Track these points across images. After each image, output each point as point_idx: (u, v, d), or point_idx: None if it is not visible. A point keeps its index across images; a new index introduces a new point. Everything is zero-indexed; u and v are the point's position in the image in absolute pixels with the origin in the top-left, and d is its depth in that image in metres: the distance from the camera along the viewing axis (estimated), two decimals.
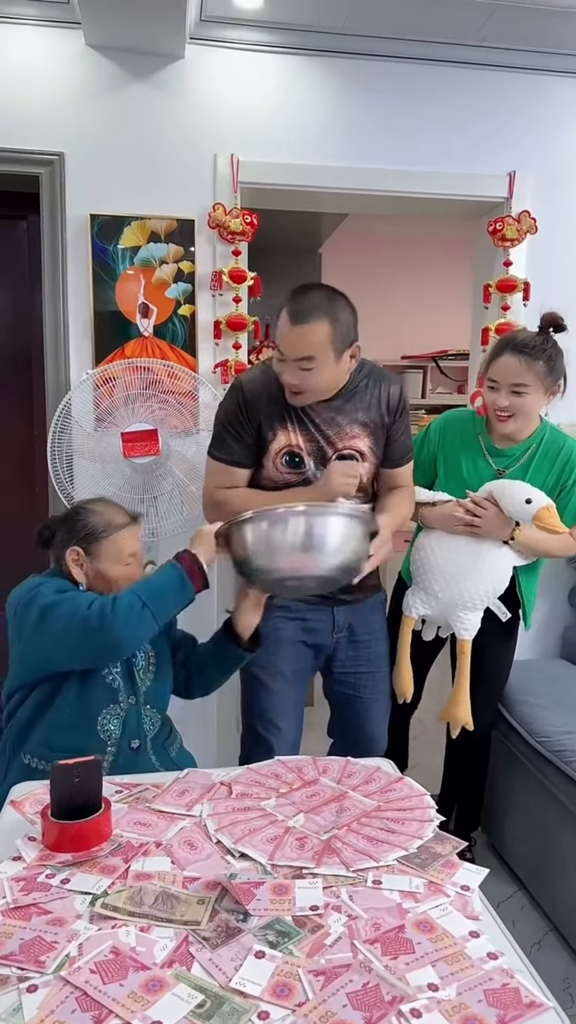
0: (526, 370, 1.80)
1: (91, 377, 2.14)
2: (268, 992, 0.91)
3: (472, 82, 2.37)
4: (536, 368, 1.80)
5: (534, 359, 1.80)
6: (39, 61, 2.14)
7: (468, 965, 0.95)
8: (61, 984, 0.92)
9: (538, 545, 1.91)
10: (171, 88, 2.21)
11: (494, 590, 1.92)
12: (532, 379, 1.81)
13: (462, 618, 1.93)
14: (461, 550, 1.91)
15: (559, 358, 1.84)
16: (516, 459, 1.94)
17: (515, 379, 1.81)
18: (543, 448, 1.93)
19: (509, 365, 1.82)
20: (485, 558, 1.90)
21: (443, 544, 1.94)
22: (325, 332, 1.61)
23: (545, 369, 1.81)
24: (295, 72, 2.28)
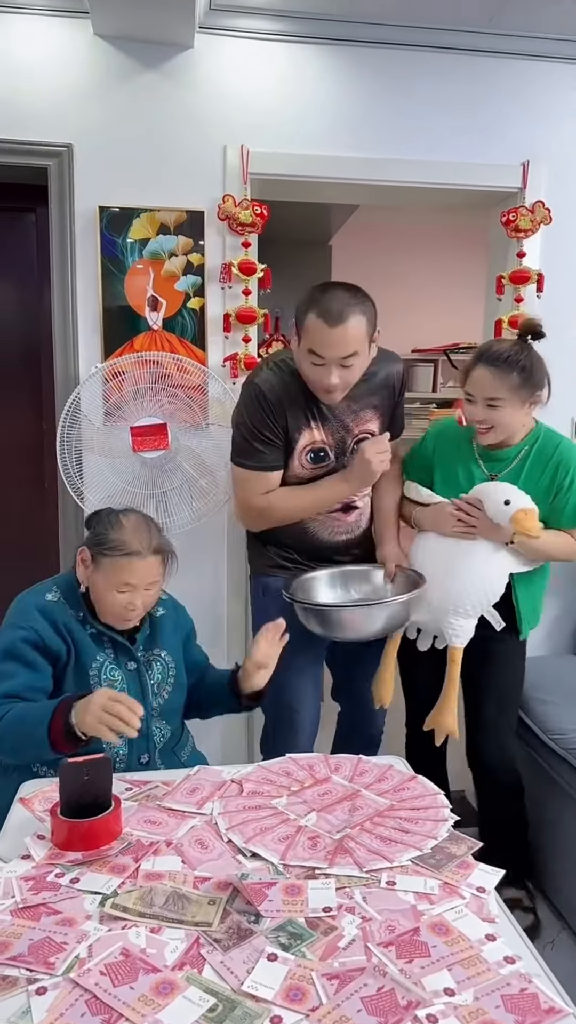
0: (500, 383, 1.73)
1: (100, 371, 2.13)
2: (281, 996, 0.89)
3: (485, 70, 2.33)
4: (510, 380, 1.73)
5: (508, 371, 1.72)
6: (47, 51, 2.12)
7: (485, 969, 0.94)
8: (71, 986, 0.91)
9: (537, 548, 1.82)
10: (180, 78, 2.19)
11: (487, 596, 1.84)
12: (506, 392, 1.73)
13: (453, 624, 1.85)
14: (453, 554, 1.84)
15: (536, 367, 1.76)
16: (508, 463, 1.86)
17: (489, 393, 1.74)
18: (536, 451, 1.85)
19: (482, 378, 1.75)
20: (478, 562, 1.82)
21: (435, 547, 1.88)
22: (363, 326, 1.66)
23: (520, 380, 1.73)
24: (305, 61, 2.24)
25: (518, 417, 1.79)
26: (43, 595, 1.57)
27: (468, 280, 4.31)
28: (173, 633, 1.67)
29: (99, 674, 1.54)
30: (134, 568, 1.50)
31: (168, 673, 1.63)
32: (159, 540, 1.55)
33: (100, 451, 2.11)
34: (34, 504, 2.44)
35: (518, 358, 1.73)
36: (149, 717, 1.58)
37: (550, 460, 1.83)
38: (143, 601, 1.53)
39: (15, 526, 2.46)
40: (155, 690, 1.60)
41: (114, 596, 1.51)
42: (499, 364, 1.73)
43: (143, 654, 1.61)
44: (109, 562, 1.50)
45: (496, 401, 1.74)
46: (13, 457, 2.44)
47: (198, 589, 2.31)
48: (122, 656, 1.58)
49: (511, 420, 1.78)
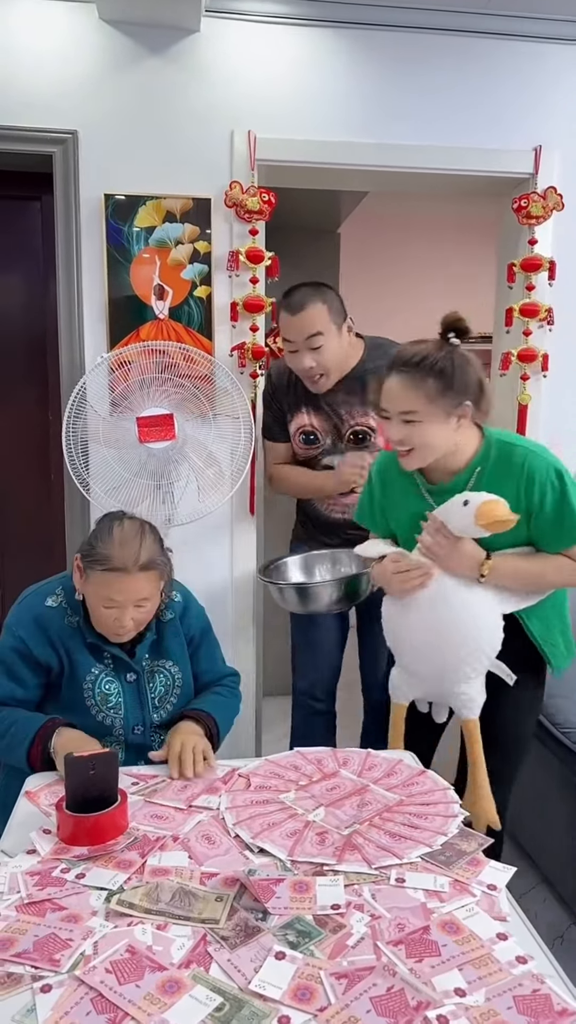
0: (413, 392, 1.44)
1: (106, 361, 2.11)
2: (289, 995, 0.88)
3: (497, 54, 2.29)
4: (425, 388, 1.43)
5: (422, 377, 1.43)
6: (52, 37, 2.09)
7: (496, 969, 0.92)
8: (76, 984, 0.90)
9: (521, 575, 1.52)
10: (186, 63, 2.15)
11: (483, 652, 1.51)
12: (422, 403, 1.44)
13: (458, 694, 1.54)
14: (427, 614, 1.51)
15: (460, 371, 1.44)
16: (462, 489, 1.52)
17: (402, 405, 1.45)
18: (491, 470, 1.51)
19: (391, 389, 1.46)
20: (458, 617, 1.49)
21: (406, 612, 1.56)
22: (323, 309, 1.93)
23: (437, 387, 1.43)
24: (313, 45, 2.21)
25: (443, 434, 1.47)
26: (44, 599, 1.52)
27: (478, 268, 4.26)
28: (178, 640, 1.59)
29: (93, 687, 1.49)
30: (118, 584, 1.40)
31: (174, 684, 1.57)
32: (150, 555, 1.43)
33: (106, 442, 2.09)
34: (40, 495, 2.43)
35: (434, 361, 1.43)
36: (147, 731, 1.53)
37: (513, 477, 1.49)
38: (134, 618, 1.44)
39: (22, 517, 2.45)
40: (156, 704, 1.54)
41: (102, 611, 1.44)
42: (411, 370, 1.44)
43: (148, 662, 1.55)
44: (95, 575, 1.42)
45: (411, 415, 1.45)
46: (19, 448, 2.42)
47: (204, 581, 2.30)
48: (121, 667, 1.52)
49: (433, 438, 1.47)
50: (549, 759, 2.07)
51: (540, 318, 2.35)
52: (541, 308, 2.34)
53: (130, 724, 1.52)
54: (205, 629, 1.67)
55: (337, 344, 1.97)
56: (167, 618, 1.58)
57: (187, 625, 1.62)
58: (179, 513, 2.11)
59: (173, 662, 1.58)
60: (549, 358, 2.37)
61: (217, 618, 1.79)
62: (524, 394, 2.39)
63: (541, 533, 1.52)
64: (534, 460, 1.49)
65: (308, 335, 1.93)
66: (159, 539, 1.51)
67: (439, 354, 1.44)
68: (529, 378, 2.39)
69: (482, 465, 1.52)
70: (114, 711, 1.50)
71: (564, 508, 1.47)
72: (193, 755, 1.38)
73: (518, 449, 1.50)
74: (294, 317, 1.93)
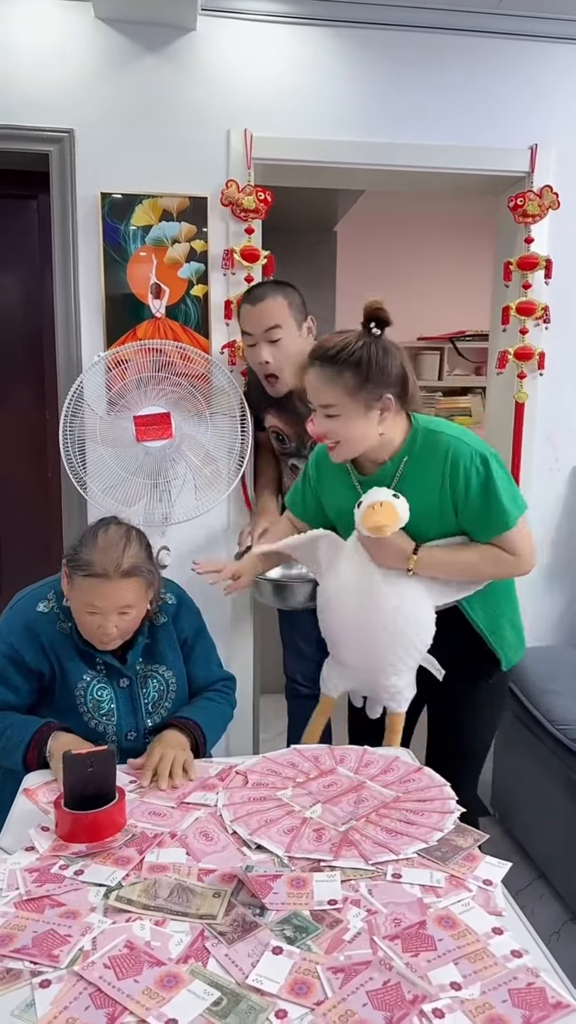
0: (330, 385, 1.41)
1: (103, 359, 2.11)
2: (286, 990, 0.89)
3: (492, 52, 2.29)
4: (342, 381, 1.40)
5: (339, 370, 1.40)
6: (47, 35, 2.08)
7: (492, 963, 0.93)
8: (75, 979, 0.90)
9: (451, 566, 1.48)
10: (182, 61, 2.15)
11: (413, 645, 1.49)
12: (340, 397, 1.41)
13: (388, 687, 1.52)
14: (356, 607, 1.49)
15: (379, 362, 1.40)
16: (387, 481, 1.50)
17: (321, 399, 1.44)
18: (416, 458, 1.48)
19: (311, 382, 1.44)
20: (387, 610, 1.46)
21: (337, 603, 1.54)
22: (283, 303, 1.93)
23: (355, 380, 1.40)
24: (310, 43, 2.21)
25: (364, 428, 1.44)
26: (35, 604, 1.51)
27: (475, 267, 4.27)
28: (171, 644, 1.59)
29: (85, 694, 1.49)
30: (100, 590, 1.39)
31: (167, 689, 1.56)
32: (134, 562, 1.41)
33: (103, 440, 2.10)
34: (38, 493, 2.43)
35: (350, 353, 1.39)
36: (140, 737, 1.52)
37: (437, 465, 1.46)
38: (118, 626, 1.43)
39: (19, 515, 2.45)
40: (149, 709, 1.54)
41: (85, 618, 1.42)
42: (327, 363, 1.41)
43: (141, 667, 1.55)
44: (78, 581, 1.41)
45: (331, 409, 1.42)
46: (16, 446, 2.42)
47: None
48: (113, 673, 1.52)
49: (354, 432, 1.44)
50: (546, 756, 2.08)
51: (537, 316, 2.35)
52: (538, 306, 2.35)
53: (123, 730, 1.51)
54: (199, 630, 1.66)
55: (295, 343, 1.94)
56: (160, 621, 1.57)
57: (180, 627, 1.61)
58: (176, 511, 2.11)
59: (166, 667, 1.57)
60: (546, 356, 2.38)
61: (214, 616, 1.79)
62: (521, 392, 2.40)
63: (469, 522, 1.49)
64: (458, 447, 1.45)
65: (266, 327, 1.92)
66: (146, 546, 1.49)
67: (357, 345, 1.40)
68: (526, 376, 2.39)
69: (408, 454, 1.49)
70: (106, 717, 1.50)
71: (490, 495, 1.44)
72: (172, 767, 1.36)
73: (443, 436, 1.47)
74: (253, 308, 1.94)
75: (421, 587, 1.49)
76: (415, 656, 1.52)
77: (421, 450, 1.48)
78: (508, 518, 1.45)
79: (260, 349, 1.95)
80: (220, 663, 1.71)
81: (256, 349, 1.96)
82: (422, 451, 1.48)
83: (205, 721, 1.53)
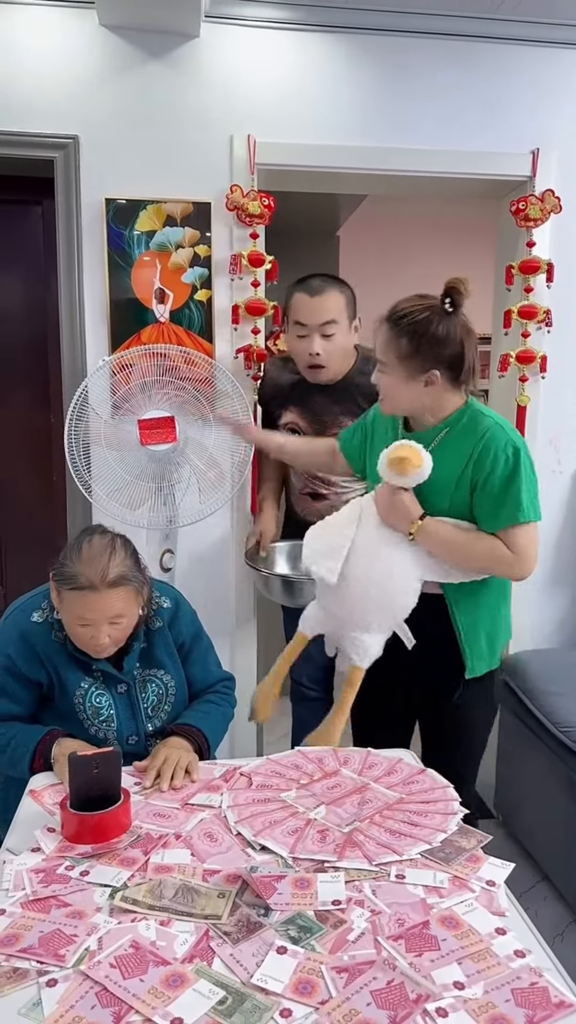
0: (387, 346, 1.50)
1: (107, 364, 2.12)
2: (290, 989, 0.89)
3: (494, 57, 2.31)
4: (397, 346, 1.48)
5: (398, 334, 1.47)
6: (52, 42, 2.10)
7: (495, 963, 0.93)
8: (81, 978, 0.91)
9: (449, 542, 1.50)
10: (186, 68, 2.17)
11: (391, 609, 1.52)
12: (391, 357, 1.49)
13: (355, 639, 1.55)
14: (357, 558, 1.52)
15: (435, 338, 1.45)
16: (426, 444, 1.52)
17: (380, 355, 1.53)
18: (455, 433, 1.52)
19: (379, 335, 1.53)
20: (376, 568, 1.50)
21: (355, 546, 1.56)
22: (341, 299, 1.97)
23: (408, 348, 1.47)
24: (312, 50, 2.22)
25: (406, 392, 1.51)
26: (30, 614, 1.50)
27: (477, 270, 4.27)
28: (168, 648, 1.58)
29: (83, 701, 1.49)
30: (88, 602, 1.38)
31: (166, 693, 1.56)
32: (120, 571, 1.40)
33: (108, 444, 2.11)
34: (43, 497, 2.44)
35: (411, 321, 1.46)
36: (141, 741, 1.52)
37: (471, 442, 1.50)
38: (111, 635, 1.42)
39: (24, 519, 2.46)
40: (149, 714, 1.53)
41: (77, 629, 1.42)
42: (392, 324, 1.49)
43: (139, 672, 1.54)
44: (66, 594, 1.40)
45: (382, 366, 1.52)
46: (22, 450, 2.44)
47: (206, 581, 2.31)
48: (111, 680, 1.51)
49: (395, 392, 1.53)
50: (549, 758, 2.08)
51: (538, 320, 2.36)
52: (539, 310, 2.36)
53: (124, 735, 1.51)
54: (196, 634, 1.65)
55: (346, 339, 2.00)
56: (156, 626, 1.57)
57: (176, 631, 1.60)
58: (181, 515, 2.12)
59: (164, 671, 1.57)
60: (548, 360, 2.39)
61: (218, 619, 1.81)
62: (523, 396, 2.41)
63: (482, 506, 1.50)
64: (495, 431, 1.48)
65: (324, 321, 1.95)
66: (132, 553, 1.48)
67: (421, 316, 1.45)
68: (528, 380, 2.40)
69: (451, 428, 1.53)
70: (106, 723, 1.50)
71: (511, 484, 1.46)
72: (175, 769, 1.37)
73: (486, 420, 1.51)
74: (313, 299, 1.95)
75: (413, 557, 1.52)
76: (390, 621, 1.55)
77: (463, 427, 1.52)
78: (521, 512, 1.46)
79: (312, 341, 1.96)
80: (219, 663, 1.71)
81: (307, 340, 1.97)
82: (464, 428, 1.52)
83: (207, 726, 1.54)
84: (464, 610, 1.58)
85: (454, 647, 1.59)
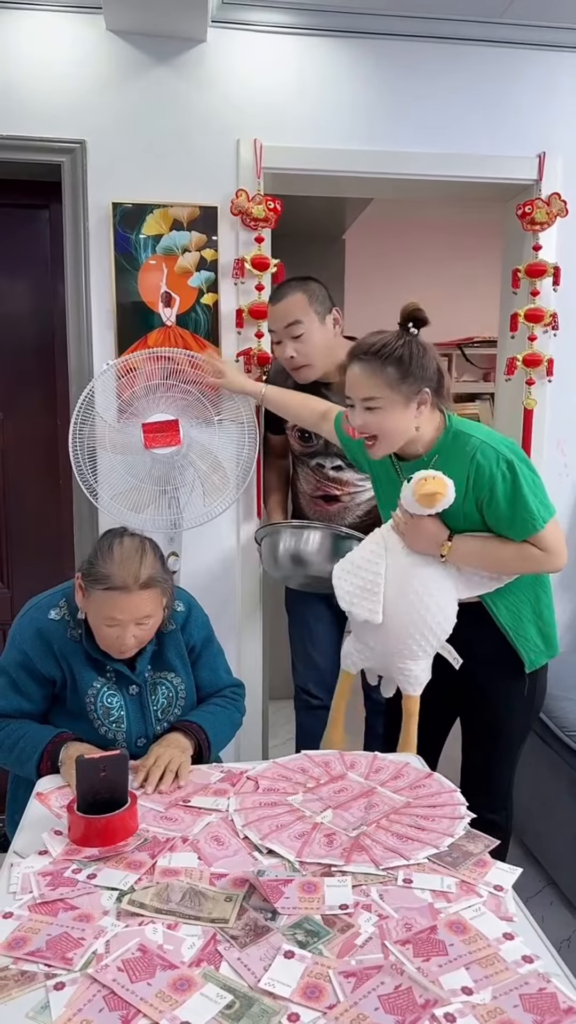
0: (373, 380, 1.49)
1: (112, 367, 2.13)
2: (298, 993, 0.89)
3: (500, 61, 2.31)
4: (385, 375, 1.48)
5: (381, 365, 1.48)
6: (59, 47, 2.11)
7: (503, 968, 0.93)
8: (88, 982, 0.91)
9: (483, 557, 1.52)
10: (193, 72, 2.18)
11: (432, 632, 1.51)
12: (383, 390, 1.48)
13: (403, 670, 1.54)
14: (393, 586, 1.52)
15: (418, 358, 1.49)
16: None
17: (363, 392, 1.50)
18: (446, 458, 1.53)
19: (353, 377, 1.52)
20: (410, 594, 1.49)
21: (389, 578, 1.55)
22: (302, 298, 1.99)
23: (398, 374, 1.48)
24: (318, 54, 2.23)
25: (403, 421, 1.51)
26: (47, 612, 1.52)
27: (483, 274, 4.28)
28: (179, 651, 1.59)
29: (95, 700, 1.50)
30: (119, 603, 1.40)
31: (176, 696, 1.57)
32: (151, 572, 1.43)
33: (113, 448, 2.11)
34: (49, 500, 2.45)
35: (392, 349, 1.48)
36: (150, 743, 1.51)
37: (463, 467, 1.50)
38: (136, 635, 1.44)
39: (30, 522, 2.46)
40: (159, 716, 1.54)
41: (104, 629, 1.43)
42: (371, 358, 1.49)
43: (149, 674, 1.55)
44: (96, 594, 1.41)
45: (372, 402, 1.49)
46: (28, 453, 2.44)
47: (211, 583, 2.31)
48: (123, 681, 1.52)
49: (394, 424, 1.50)
50: (556, 762, 2.07)
51: (545, 323, 2.36)
52: (546, 313, 2.35)
53: (133, 737, 1.52)
54: (207, 638, 1.66)
55: (319, 334, 2.01)
56: (168, 629, 1.57)
57: (188, 634, 1.61)
58: (185, 518, 2.13)
59: (175, 673, 1.58)
60: (554, 363, 2.38)
61: (224, 621, 1.80)
62: (530, 399, 2.40)
63: (498, 524, 1.52)
64: (484, 451, 1.49)
65: (287, 323, 1.99)
66: (160, 555, 1.50)
67: (398, 343, 1.49)
68: (535, 383, 2.40)
69: (440, 452, 1.55)
70: (116, 724, 1.50)
71: (516, 499, 1.47)
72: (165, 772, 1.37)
73: (471, 439, 1.51)
74: (274, 307, 2.02)
75: (449, 576, 1.53)
76: (433, 643, 1.53)
77: (450, 449, 1.53)
78: (536, 521, 1.48)
79: (285, 346, 2.02)
80: (229, 670, 1.72)
81: (281, 346, 2.04)
82: (451, 450, 1.53)
83: (210, 725, 1.54)
84: (505, 610, 1.59)
85: (507, 648, 1.60)
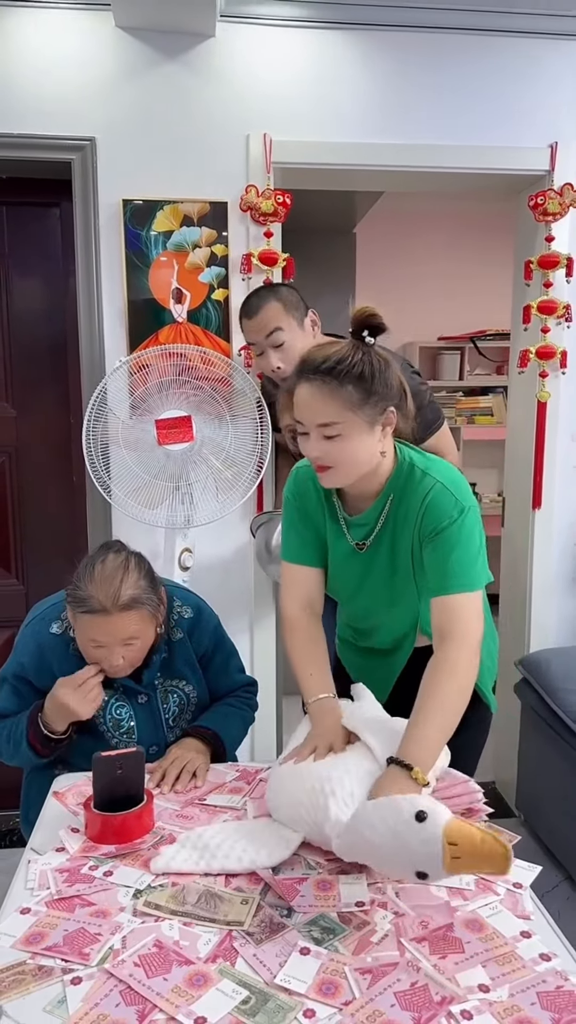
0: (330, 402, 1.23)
1: (125, 364, 2.13)
2: (314, 990, 0.89)
3: (511, 51, 2.28)
4: (345, 396, 1.22)
5: (339, 384, 1.22)
6: (68, 45, 2.11)
7: (520, 966, 0.93)
8: (105, 977, 0.91)
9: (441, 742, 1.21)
10: (202, 67, 2.17)
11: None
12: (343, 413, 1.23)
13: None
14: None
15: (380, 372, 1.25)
16: (371, 528, 1.36)
17: (319, 418, 1.24)
18: (399, 498, 1.33)
19: (304, 400, 1.25)
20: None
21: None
22: (278, 305, 1.93)
23: (359, 394, 1.23)
24: (327, 47, 2.22)
25: (368, 447, 1.26)
26: (49, 624, 1.48)
27: (495, 266, 4.25)
28: (188, 659, 1.55)
29: (104, 713, 1.47)
30: (101, 626, 1.35)
31: (188, 703, 1.55)
32: (133, 593, 1.35)
33: (126, 444, 2.12)
34: (64, 498, 2.46)
35: (351, 364, 1.22)
36: (163, 751, 1.48)
37: (413, 506, 1.31)
38: (125, 656, 1.39)
39: (45, 519, 2.48)
40: (170, 724, 1.52)
41: (91, 651, 1.39)
42: (323, 376, 1.23)
43: (160, 682, 1.52)
44: (78, 617, 1.37)
45: (331, 428, 1.23)
46: (42, 451, 2.45)
47: (224, 581, 2.32)
48: (131, 691, 1.49)
49: (357, 453, 1.26)
50: (571, 756, 2.06)
51: (558, 315, 2.34)
52: (559, 305, 2.33)
53: (145, 746, 1.47)
54: (217, 642, 1.61)
55: (300, 339, 1.94)
56: (177, 637, 1.55)
57: (196, 642, 1.57)
58: (198, 514, 2.13)
59: (185, 681, 1.55)
60: (568, 355, 2.37)
61: (237, 617, 1.80)
62: (543, 391, 2.39)
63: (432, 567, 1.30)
64: (440, 493, 1.29)
65: (268, 332, 1.93)
66: (147, 572, 1.42)
67: (356, 356, 1.23)
68: (548, 375, 2.38)
69: (394, 491, 1.34)
70: (127, 735, 1.48)
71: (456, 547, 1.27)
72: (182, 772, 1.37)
73: (427, 479, 1.31)
74: (251, 320, 1.95)
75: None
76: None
77: (405, 487, 1.33)
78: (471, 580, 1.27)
79: (268, 357, 1.95)
80: (242, 668, 1.69)
81: (264, 357, 1.97)
82: (406, 489, 1.33)
83: (223, 729, 1.52)
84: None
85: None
